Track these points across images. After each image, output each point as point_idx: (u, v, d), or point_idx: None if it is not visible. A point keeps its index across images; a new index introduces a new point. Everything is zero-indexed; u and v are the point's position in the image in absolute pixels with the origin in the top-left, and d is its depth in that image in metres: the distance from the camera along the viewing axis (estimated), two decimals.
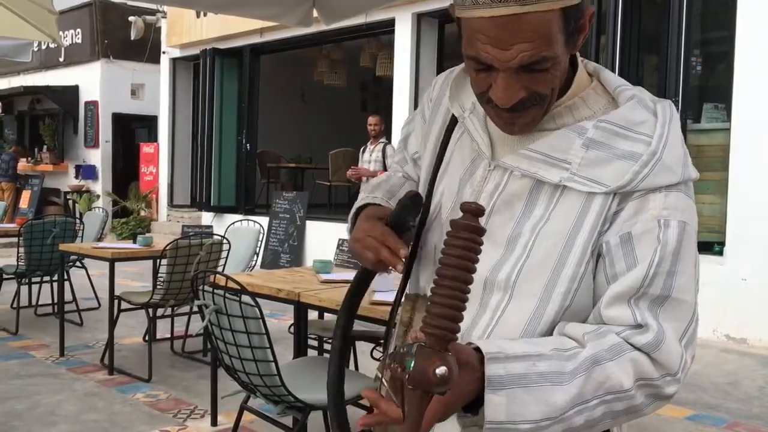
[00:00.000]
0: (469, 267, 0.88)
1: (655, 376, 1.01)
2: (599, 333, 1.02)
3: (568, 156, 1.05)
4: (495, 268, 1.08)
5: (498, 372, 0.95)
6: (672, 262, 1.02)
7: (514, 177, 1.10)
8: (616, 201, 1.04)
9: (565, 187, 1.06)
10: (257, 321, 2.69)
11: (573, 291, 1.05)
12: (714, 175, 6.23)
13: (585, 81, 1.12)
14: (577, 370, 0.98)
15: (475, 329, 1.09)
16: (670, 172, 1.03)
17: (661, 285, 1.02)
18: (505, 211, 1.09)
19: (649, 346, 1.00)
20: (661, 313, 1.02)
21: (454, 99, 1.21)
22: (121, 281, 6.55)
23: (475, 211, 0.89)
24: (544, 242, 1.06)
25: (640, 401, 1.01)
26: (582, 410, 0.98)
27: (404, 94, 8.80)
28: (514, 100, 1.02)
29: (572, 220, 1.05)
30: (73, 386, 4.49)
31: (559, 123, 1.09)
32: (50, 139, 15.26)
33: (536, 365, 0.97)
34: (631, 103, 1.07)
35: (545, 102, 1.05)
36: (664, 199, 1.03)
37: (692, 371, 4.99)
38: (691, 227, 1.04)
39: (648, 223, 1.02)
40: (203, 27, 11.27)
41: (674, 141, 1.05)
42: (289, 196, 10.02)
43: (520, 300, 1.06)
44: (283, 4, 3.67)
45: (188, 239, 4.72)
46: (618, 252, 1.03)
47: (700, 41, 7.18)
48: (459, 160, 1.18)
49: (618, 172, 1.03)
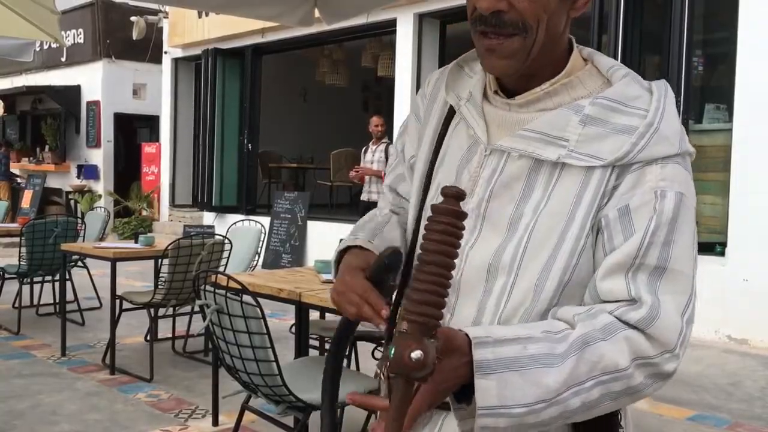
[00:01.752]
0: (451, 252, 0.87)
1: (652, 353, 0.99)
2: (590, 314, 1.00)
3: (566, 133, 1.05)
4: (497, 252, 1.07)
5: (486, 356, 0.94)
6: (668, 231, 1.01)
7: (511, 159, 1.09)
8: (615, 175, 1.03)
9: (564, 165, 1.05)
10: (258, 321, 2.70)
11: (572, 267, 1.04)
12: (715, 175, 6.23)
13: (580, 63, 1.13)
14: (567, 352, 0.97)
15: (484, 315, 1.08)
16: (667, 142, 1.03)
17: (657, 255, 1.00)
18: (504, 194, 1.09)
19: (642, 321, 0.99)
20: (660, 286, 1.00)
21: (450, 89, 1.21)
22: (122, 281, 6.56)
23: (455, 195, 0.87)
24: (546, 222, 1.05)
25: (639, 381, 0.99)
26: (577, 392, 0.97)
27: (406, 94, 8.80)
28: (493, 5, 1.02)
29: (572, 197, 1.05)
30: (74, 386, 4.49)
31: (555, 102, 1.09)
32: (52, 138, 15.27)
33: (526, 348, 0.96)
34: (626, 80, 1.08)
35: (528, 36, 1.04)
36: (661, 170, 1.02)
37: (694, 372, 4.99)
38: (688, 199, 1.04)
39: (645, 195, 1.02)
40: (205, 27, 11.28)
41: (670, 114, 1.05)
42: (291, 196, 10.02)
43: (524, 280, 1.06)
44: (285, 4, 3.67)
45: (190, 239, 4.72)
46: (616, 225, 1.03)
47: (702, 42, 7.18)
48: (456, 150, 1.18)
49: (615, 145, 1.03)
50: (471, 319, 1.09)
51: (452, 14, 8.43)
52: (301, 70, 12.51)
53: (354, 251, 1.19)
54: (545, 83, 1.10)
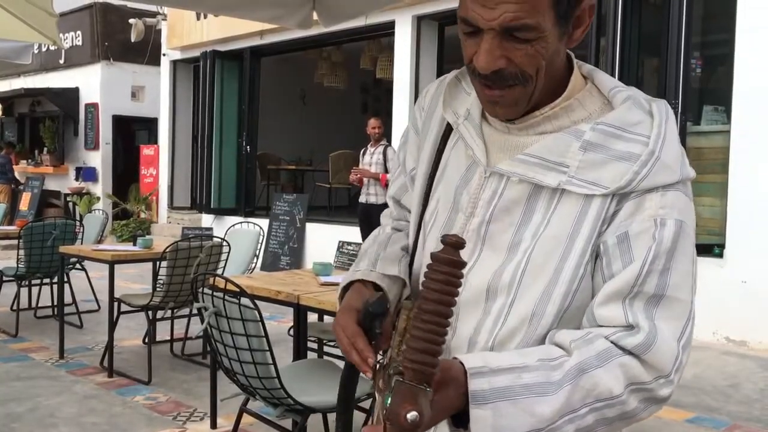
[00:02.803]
0: (450, 301, 0.89)
1: (647, 379, 1.00)
2: (587, 339, 1.00)
3: (566, 159, 1.05)
4: (497, 273, 1.08)
5: (482, 386, 0.95)
6: (666, 259, 1.01)
7: (511, 183, 1.09)
8: (615, 202, 1.03)
9: (564, 191, 1.05)
10: (256, 323, 2.69)
11: (572, 292, 1.04)
12: (714, 177, 6.23)
13: (580, 83, 1.12)
14: (563, 380, 0.97)
15: (480, 335, 1.08)
16: (669, 170, 1.03)
17: (655, 283, 1.01)
18: (504, 218, 1.09)
19: (639, 348, 0.99)
20: (657, 312, 1.01)
21: (448, 106, 1.20)
22: (120, 283, 6.55)
23: (455, 244, 0.89)
24: (544, 246, 1.05)
25: (633, 406, 1.00)
26: (571, 419, 0.97)
27: (404, 96, 8.80)
28: (491, 66, 1.02)
29: (572, 223, 1.05)
30: (72, 388, 4.48)
31: (555, 125, 1.09)
32: (50, 141, 15.26)
33: (521, 377, 0.97)
34: (627, 104, 1.07)
35: (529, 85, 1.05)
36: (661, 198, 1.02)
37: (692, 374, 4.99)
38: (688, 226, 1.04)
39: (644, 223, 1.02)
40: (203, 29, 11.28)
41: (671, 140, 1.05)
42: (289, 198, 10.02)
43: (522, 303, 1.06)
44: (284, 7, 3.67)
45: (188, 241, 4.72)
46: (615, 251, 1.03)
47: (700, 43, 7.19)
48: (454, 168, 1.18)
49: (617, 173, 1.02)
50: (468, 338, 1.09)
51: (451, 16, 8.43)
52: (300, 72, 12.52)
53: (355, 287, 1.20)
54: (545, 107, 1.09)
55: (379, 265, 1.21)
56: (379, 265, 1.21)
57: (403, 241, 1.29)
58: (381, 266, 1.21)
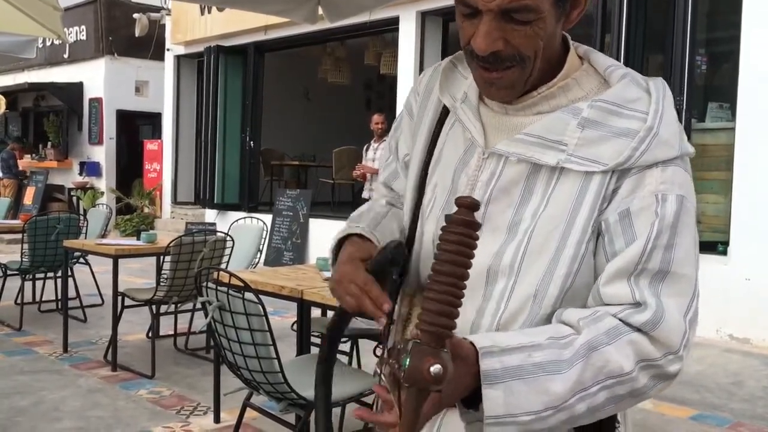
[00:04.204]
0: (465, 262, 0.87)
1: (657, 355, 0.99)
2: (595, 317, 1.00)
3: (564, 137, 1.04)
4: (497, 254, 1.07)
5: (493, 366, 0.95)
6: (670, 235, 1.01)
7: (509, 163, 1.08)
8: (614, 178, 1.03)
9: (563, 169, 1.05)
10: (260, 318, 2.70)
11: (574, 272, 1.04)
12: (718, 174, 6.22)
13: (576, 63, 1.12)
14: (574, 358, 0.97)
15: (483, 318, 1.07)
16: (667, 146, 1.03)
17: (660, 259, 1.01)
18: (503, 199, 1.09)
19: (647, 324, 0.99)
20: (663, 288, 1.01)
21: (444, 89, 1.20)
22: (124, 278, 6.56)
23: (470, 206, 0.88)
24: (545, 226, 1.05)
25: (643, 383, 1.00)
26: (583, 397, 0.97)
27: (408, 92, 8.78)
28: (490, 47, 1.02)
29: (571, 201, 1.04)
30: (76, 382, 4.50)
31: (552, 105, 1.09)
32: (54, 135, 15.29)
33: (532, 356, 0.96)
34: (624, 82, 1.07)
35: (526, 66, 1.04)
36: (661, 173, 1.02)
37: (696, 371, 4.99)
38: (689, 201, 1.04)
39: (646, 199, 1.02)
40: (207, 24, 11.28)
41: (669, 116, 1.05)
42: (293, 194, 10.02)
43: (524, 284, 1.05)
44: (289, 1, 3.66)
45: (192, 236, 4.73)
46: (617, 229, 1.02)
47: (706, 40, 7.17)
48: (452, 151, 1.17)
49: (616, 149, 1.02)
50: (470, 322, 1.08)
51: (455, 12, 8.41)
52: (304, 68, 12.51)
53: (354, 240, 1.17)
54: (542, 87, 1.09)
55: (377, 232, 1.19)
56: (377, 232, 1.19)
57: (398, 221, 1.27)
58: (379, 235, 1.19)
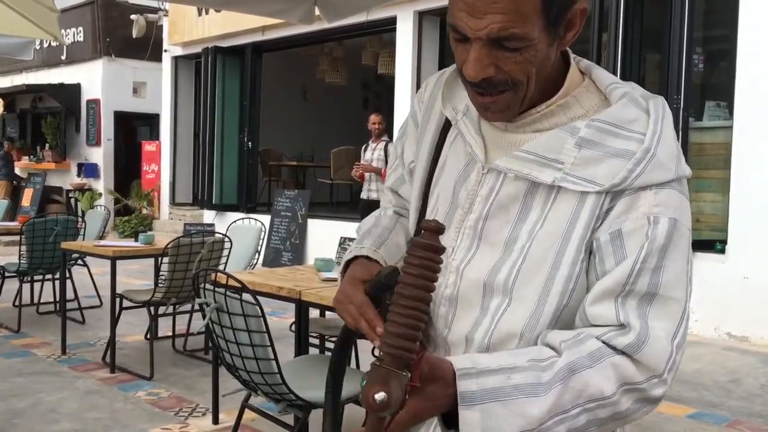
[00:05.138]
0: (428, 286, 0.89)
1: (640, 379, 0.99)
2: (578, 340, 1.00)
3: (561, 156, 1.04)
4: (493, 270, 1.07)
5: (470, 388, 0.95)
6: (659, 258, 1.00)
7: (508, 179, 1.09)
8: (609, 198, 1.03)
9: (560, 188, 1.05)
10: (258, 319, 2.70)
11: (569, 291, 1.04)
12: (716, 173, 6.23)
13: (577, 79, 1.11)
14: (552, 381, 0.96)
15: (477, 332, 1.08)
16: (664, 168, 1.02)
17: (647, 281, 1.00)
18: (500, 214, 1.09)
19: (630, 347, 0.98)
20: (650, 311, 1.00)
21: (447, 101, 1.20)
22: (122, 279, 6.56)
23: (434, 230, 0.89)
24: (540, 244, 1.05)
25: (626, 406, 0.99)
26: (563, 419, 0.96)
27: (406, 92, 8.79)
28: (480, 75, 1.02)
29: (567, 220, 1.04)
30: (74, 384, 4.49)
31: (552, 122, 1.08)
32: (52, 137, 15.27)
33: (511, 378, 0.96)
34: (623, 101, 1.06)
35: (520, 90, 1.04)
36: (655, 196, 1.01)
37: (694, 369, 4.99)
38: (682, 224, 1.03)
39: (638, 221, 1.01)
40: (205, 25, 11.27)
41: (667, 138, 1.04)
42: (291, 195, 10.02)
43: (518, 303, 1.05)
44: (286, 1, 3.66)
45: (190, 237, 4.73)
46: (608, 248, 1.02)
47: (703, 39, 7.17)
48: (453, 164, 1.17)
49: (612, 170, 1.02)
50: (465, 334, 1.09)
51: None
52: (302, 68, 12.51)
53: (360, 261, 1.20)
54: (541, 105, 1.09)
55: (383, 250, 1.21)
56: (383, 250, 1.21)
57: (405, 232, 1.29)
58: (384, 252, 1.21)
